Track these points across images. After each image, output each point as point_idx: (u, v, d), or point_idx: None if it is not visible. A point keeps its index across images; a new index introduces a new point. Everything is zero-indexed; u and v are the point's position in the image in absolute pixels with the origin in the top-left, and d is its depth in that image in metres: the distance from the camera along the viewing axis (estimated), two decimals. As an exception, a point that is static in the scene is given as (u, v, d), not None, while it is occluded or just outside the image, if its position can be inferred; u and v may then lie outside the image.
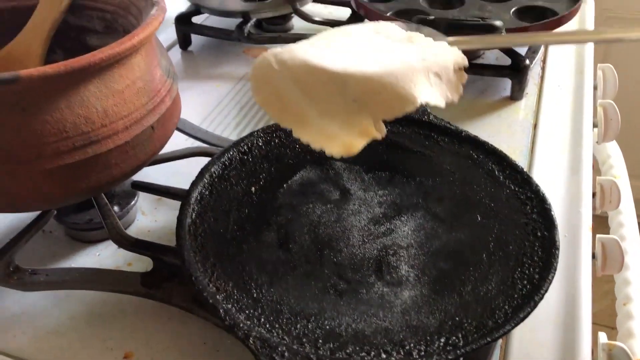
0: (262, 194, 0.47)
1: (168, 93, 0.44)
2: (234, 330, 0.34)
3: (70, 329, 0.42)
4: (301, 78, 0.36)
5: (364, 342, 0.34)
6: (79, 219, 0.48)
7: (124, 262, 0.47)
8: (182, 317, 0.42)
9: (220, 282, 0.38)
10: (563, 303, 0.42)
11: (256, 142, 0.50)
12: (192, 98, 0.65)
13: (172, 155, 0.52)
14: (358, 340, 0.34)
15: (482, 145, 0.48)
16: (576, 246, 0.47)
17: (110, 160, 0.40)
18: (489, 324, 0.35)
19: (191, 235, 0.41)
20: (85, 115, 0.38)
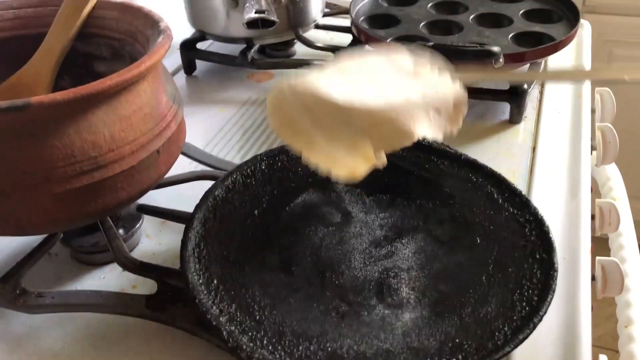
0: (265, 216, 0.47)
1: (174, 118, 0.45)
2: (237, 352, 0.34)
3: (75, 351, 0.43)
4: (311, 107, 0.38)
5: (366, 364, 0.35)
6: (84, 242, 0.48)
7: (128, 284, 0.47)
8: (186, 340, 0.42)
9: (224, 304, 0.39)
10: (563, 325, 0.43)
11: (259, 166, 0.50)
12: (197, 122, 0.66)
13: (177, 179, 0.53)
14: (359, 362, 0.35)
15: (481, 168, 0.49)
16: (575, 268, 0.47)
17: (117, 184, 0.41)
18: (488, 346, 0.35)
19: (195, 257, 0.42)
20: (93, 140, 0.39)
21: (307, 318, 0.38)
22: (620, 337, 0.61)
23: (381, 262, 0.43)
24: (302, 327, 0.37)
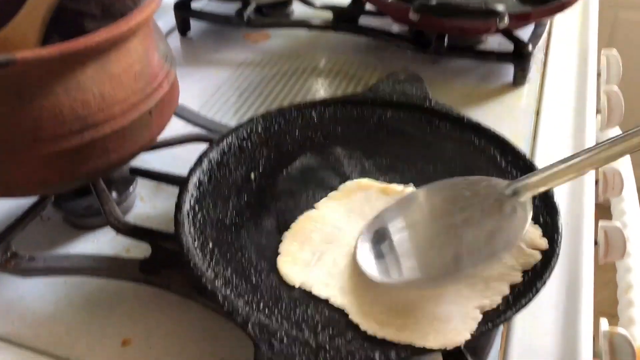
0: (261, 180, 0.46)
1: (166, 78, 0.43)
2: (232, 316, 0.34)
3: (69, 315, 0.42)
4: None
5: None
6: (76, 205, 0.47)
7: (122, 248, 0.47)
8: (181, 304, 0.42)
9: (219, 268, 0.38)
10: (565, 290, 0.42)
11: (255, 128, 0.49)
12: (191, 84, 0.65)
13: (171, 141, 0.52)
14: (357, 326, 0.34)
15: (485, 131, 0.47)
16: (578, 233, 0.46)
17: (108, 145, 0.40)
18: (489, 311, 0.34)
19: (190, 221, 0.41)
20: (82, 99, 0.38)
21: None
22: (620, 302, 0.60)
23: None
24: (298, 291, 0.37)
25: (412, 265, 0.37)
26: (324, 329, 0.34)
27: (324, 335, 0.33)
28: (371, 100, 0.51)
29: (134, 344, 0.40)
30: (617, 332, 0.42)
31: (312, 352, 0.31)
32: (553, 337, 0.39)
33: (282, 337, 0.32)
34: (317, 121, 0.50)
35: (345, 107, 0.51)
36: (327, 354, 0.31)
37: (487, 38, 0.68)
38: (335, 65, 0.68)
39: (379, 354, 0.31)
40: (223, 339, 0.40)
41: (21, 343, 0.40)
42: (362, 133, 0.49)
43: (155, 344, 0.40)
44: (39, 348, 0.40)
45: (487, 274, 0.37)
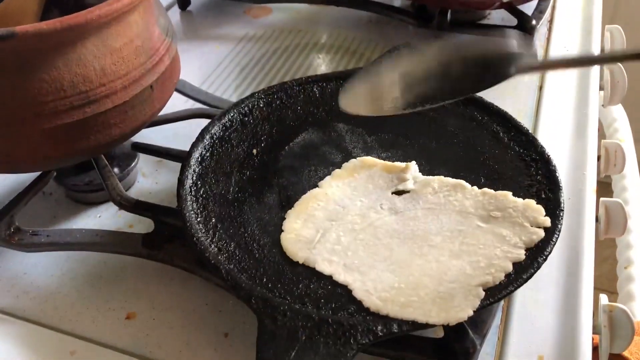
0: (263, 155, 0.46)
1: (167, 52, 0.43)
2: (235, 291, 0.34)
3: (72, 289, 0.42)
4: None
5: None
6: (79, 180, 0.47)
7: (124, 224, 0.47)
8: (184, 278, 0.42)
9: (222, 242, 0.38)
10: (565, 265, 0.42)
11: (257, 104, 0.49)
12: (192, 59, 0.64)
13: (172, 117, 0.52)
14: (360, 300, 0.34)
15: (487, 106, 0.47)
16: (580, 209, 0.46)
17: (109, 120, 0.40)
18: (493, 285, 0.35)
19: (192, 196, 0.41)
20: (83, 74, 0.37)
21: (307, 257, 0.38)
22: (620, 278, 0.61)
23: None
24: (302, 265, 0.37)
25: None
26: (327, 303, 0.34)
27: (326, 309, 0.33)
28: (373, 75, 0.51)
29: (137, 318, 0.40)
30: (617, 306, 0.43)
31: (315, 325, 0.31)
32: (553, 312, 0.40)
33: (285, 311, 0.32)
34: (319, 96, 0.50)
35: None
36: (330, 327, 0.31)
37: (491, 13, 0.67)
38: (337, 41, 0.67)
39: (381, 327, 0.31)
40: (226, 314, 0.40)
41: (25, 317, 0.40)
42: (364, 109, 0.49)
43: (159, 318, 0.40)
44: (43, 322, 0.40)
45: (490, 252, 0.37)
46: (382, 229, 0.39)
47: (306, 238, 0.39)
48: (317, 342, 0.30)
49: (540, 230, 0.37)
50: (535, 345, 0.38)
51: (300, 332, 0.31)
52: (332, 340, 0.31)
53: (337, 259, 0.37)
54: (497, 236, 0.38)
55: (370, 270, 0.37)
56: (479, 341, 0.35)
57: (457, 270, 0.36)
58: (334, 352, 0.30)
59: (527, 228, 0.38)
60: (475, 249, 0.37)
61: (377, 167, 0.45)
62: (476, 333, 0.35)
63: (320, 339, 0.31)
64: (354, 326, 0.31)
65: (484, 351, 0.37)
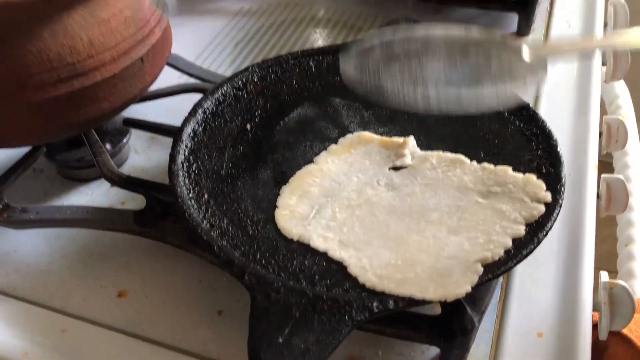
0: (257, 131, 0.45)
1: (158, 24, 0.42)
2: (228, 267, 0.33)
3: (64, 267, 0.41)
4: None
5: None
6: (69, 156, 0.46)
7: (117, 200, 0.46)
8: (177, 255, 0.41)
9: (215, 219, 0.37)
10: (566, 241, 0.41)
11: (251, 78, 0.48)
12: (186, 34, 0.63)
13: (165, 92, 0.51)
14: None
15: (487, 80, 0.46)
16: (581, 184, 0.45)
17: (98, 94, 0.38)
18: (491, 261, 0.34)
19: (184, 172, 0.40)
20: (70, 45, 0.36)
21: (302, 233, 0.37)
22: (620, 256, 0.60)
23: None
24: (296, 242, 0.36)
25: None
26: (322, 279, 0.33)
27: (321, 285, 0.33)
28: (371, 49, 0.49)
29: (129, 295, 0.40)
30: (618, 283, 0.42)
31: (309, 302, 0.31)
32: (553, 289, 0.39)
33: (278, 288, 0.31)
34: (315, 70, 0.49)
35: (344, 56, 0.49)
36: (325, 303, 0.31)
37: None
38: (334, 15, 0.66)
39: (377, 303, 0.31)
40: (220, 291, 0.39)
41: (16, 295, 0.40)
42: (361, 83, 0.48)
43: (151, 296, 0.39)
44: (34, 300, 0.39)
45: (489, 228, 0.36)
46: (379, 205, 0.39)
47: (301, 214, 0.38)
48: (312, 319, 0.30)
49: (540, 206, 0.37)
50: (534, 322, 0.37)
51: (294, 308, 0.30)
52: (326, 316, 0.30)
53: (333, 235, 0.37)
54: (496, 212, 0.37)
55: (366, 246, 0.36)
56: (477, 318, 0.34)
57: (455, 246, 0.35)
58: (329, 329, 0.29)
59: (527, 203, 0.37)
60: (474, 224, 0.36)
61: (374, 143, 0.44)
62: (474, 310, 0.34)
63: (315, 316, 0.30)
64: (349, 303, 0.30)
65: (482, 328, 0.36)
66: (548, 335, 0.36)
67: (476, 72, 0.37)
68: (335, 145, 0.44)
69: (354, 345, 0.36)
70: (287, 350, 0.29)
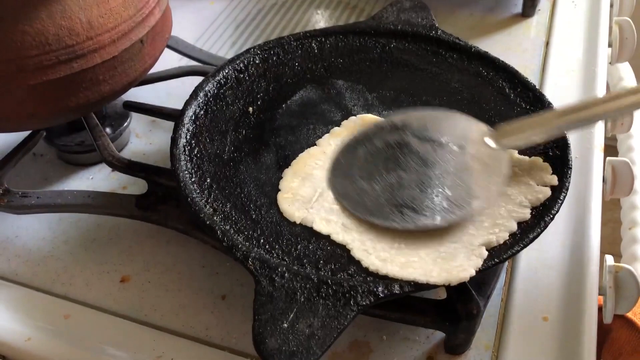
0: (259, 114, 0.45)
1: (157, 5, 0.41)
2: (232, 252, 0.33)
3: (66, 252, 0.41)
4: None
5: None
6: (69, 140, 0.46)
7: (118, 185, 0.45)
8: (179, 240, 0.41)
9: (218, 203, 0.37)
10: (572, 225, 0.41)
11: (253, 60, 0.47)
12: (186, 16, 0.62)
13: (165, 75, 0.50)
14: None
15: (493, 61, 0.45)
16: (587, 167, 0.45)
17: (98, 76, 0.38)
18: (496, 246, 0.33)
19: (186, 156, 0.39)
20: (69, 26, 0.35)
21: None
22: (624, 239, 0.60)
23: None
24: (300, 226, 0.36)
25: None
26: (326, 264, 0.33)
27: (325, 270, 0.32)
28: (374, 29, 0.49)
29: (132, 280, 0.39)
30: (624, 267, 0.42)
31: (314, 286, 0.30)
32: (559, 273, 0.39)
33: (283, 272, 0.31)
34: (317, 52, 0.48)
35: (347, 37, 0.49)
36: (330, 288, 0.30)
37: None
38: (336, -4, 0.65)
39: (382, 288, 0.30)
40: (223, 276, 0.39)
41: (18, 281, 0.40)
42: (364, 65, 0.47)
43: (154, 281, 0.39)
44: (36, 286, 0.39)
45: (494, 212, 0.35)
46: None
47: (304, 197, 0.38)
48: (316, 304, 0.29)
49: (546, 189, 0.36)
50: (539, 306, 0.37)
51: (299, 293, 0.30)
52: (331, 301, 0.30)
53: (335, 218, 0.36)
54: (503, 196, 0.36)
55: (369, 229, 0.35)
56: (483, 302, 0.34)
57: (459, 229, 0.35)
58: (334, 314, 0.29)
59: (532, 187, 0.36)
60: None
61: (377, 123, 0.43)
62: (480, 294, 0.34)
63: (320, 301, 0.30)
64: (354, 287, 0.30)
65: (488, 312, 0.36)
66: (553, 318, 0.36)
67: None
68: (338, 128, 0.43)
69: (358, 330, 0.36)
70: (292, 335, 0.28)
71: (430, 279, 0.32)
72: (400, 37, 0.48)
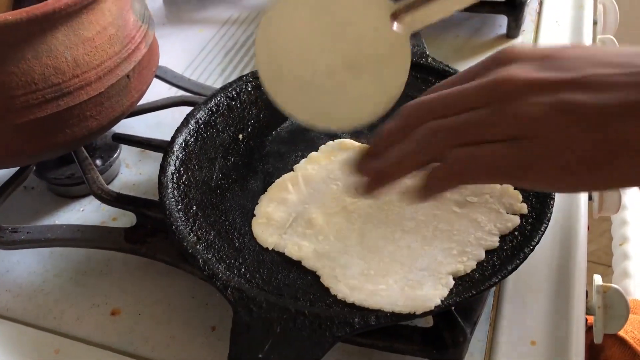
0: (249, 141, 0.45)
1: (143, 39, 0.42)
2: (212, 281, 0.33)
3: (56, 286, 0.41)
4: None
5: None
6: (60, 174, 0.46)
7: (109, 216, 0.46)
8: (169, 272, 0.41)
9: (202, 231, 0.37)
10: (558, 246, 0.41)
11: (245, 87, 0.48)
12: (175, 45, 0.63)
13: (154, 106, 0.50)
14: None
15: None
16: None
17: (85, 113, 0.38)
18: (475, 277, 0.34)
19: (174, 183, 0.40)
20: (55, 65, 0.36)
21: (290, 246, 0.37)
22: (615, 255, 0.60)
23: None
24: (282, 255, 0.36)
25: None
26: (305, 293, 0.33)
27: (304, 300, 0.33)
28: (365, 57, 0.49)
29: (123, 313, 0.40)
30: (611, 287, 0.42)
31: (291, 317, 0.31)
32: (546, 296, 0.39)
33: (261, 303, 0.31)
34: (308, 79, 0.49)
35: (337, 65, 0.49)
36: (306, 319, 0.31)
37: (481, -13, 0.66)
38: (323, 21, 0.66)
39: (359, 319, 0.31)
40: (213, 307, 0.39)
41: (8, 316, 0.40)
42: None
43: (144, 313, 0.39)
44: (26, 321, 0.39)
45: (464, 239, 0.36)
46: (356, 213, 0.39)
47: (278, 222, 0.38)
48: (292, 335, 0.30)
49: (516, 218, 0.37)
50: (527, 331, 0.37)
51: (276, 324, 0.30)
52: (307, 332, 0.30)
53: (308, 243, 0.37)
54: (472, 222, 0.37)
55: (341, 256, 0.36)
56: (469, 329, 0.34)
57: (428, 257, 0.35)
58: (309, 345, 0.29)
59: (502, 215, 0.37)
60: (449, 234, 0.36)
61: (355, 150, 0.43)
62: (466, 320, 0.34)
63: (296, 332, 0.30)
64: (330, 318, 0.30)
65: (476, 338, 0.36)
66: (541, 343, 0.36)
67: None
68: (315, 153, 0.44)
69: (346, 358, 0.36)
70: (267, 366, 0.29)
71: (395, 308, 0.32)
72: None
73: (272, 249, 0.36)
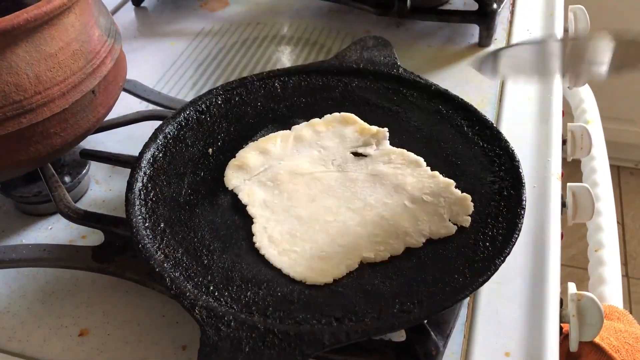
0: (219, 155, 0.44)
1: (109, 54, 0.41)
2: (179, 300, 0.33)
3: (23, 307, 0.40)
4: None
5: (316, 308, 0.33)
6: (26, 191, 0.45)
7: (77, 234, 0.45)
8: (139, 290, 0.40)
9: (170, 249, 0.36)
10: (531, 255, 0.41)
11: (215, 100, 0.47)
12: (147, 57, 0.62)
13: (123, 120, 0.50)
14: (309, 307, 0.33)
15: (452, 99, 0.46)
16: (545, 196, 0.45)
17: (49, 130, 0.38)
18: (445, 289, 0.33)
19: (141, 200, 0.39)
20: (15, 82, 0.35)
21: (259, 262, 0.36)
22: (590, 261, 0.60)
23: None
24: (252, 272, 0.35)
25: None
26: (275, 310, 0.33)
27: (274, 317, 0.32)
28: (337, 68, 0.49)
29: (91, 334, 0.39)
30: (585, 295, 0.42)
31: (260, 335, 0.30)
32: (520, 306, 0.39)
33: (229, 321, 0.31)
34: (280, 92, 0.49)
35: (310, 76, 0.49)
36: (275, 337, 0.30)
37: (453, -3, 0.66)
38: (297, 32, 0.66)
39: (328, 337, 0.30)
40: (183, 325, 0.39)
41: (-27, 339, 0.39)
42: (326, 104, 0.48)
43: (114, 333, 0.39)
44: (-9, 344, 0.38)
45: (393, 231, 0.37)
46: (319, 181, 0.41)
47: (249, 167, 0.41)
48: (261, 354, 0.29)
49: (453, 227, 0.37)
50: (501, 342, 0.37)
51: (244, 343, 0.30)
52: (276, 351, 0.29)
53: (261, 193, 0.39)
54: (412, 218, 0.38)
55: (282, 212, 0.38)
56: (442, 342, 0.34)
57: (353, 237, 0.37)
58: (278, 364, 0.29)
59: (443, 220, 0.38)
60: (385, 223, 0.38)
61: (354, 126, 0.45)
62: (439, 333, 0.34)
63: (265, 350, 0.29)
64: (299, 336, 0.30)
65: (450, 350, 0.36)
66: (515, 354, 0.36)
67: None
68: (317, 119, 0.46)
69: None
70: (236, 387, 0.28)
71: (291, 272, 0.35)
72: (362, 76, 0.49)
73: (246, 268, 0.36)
